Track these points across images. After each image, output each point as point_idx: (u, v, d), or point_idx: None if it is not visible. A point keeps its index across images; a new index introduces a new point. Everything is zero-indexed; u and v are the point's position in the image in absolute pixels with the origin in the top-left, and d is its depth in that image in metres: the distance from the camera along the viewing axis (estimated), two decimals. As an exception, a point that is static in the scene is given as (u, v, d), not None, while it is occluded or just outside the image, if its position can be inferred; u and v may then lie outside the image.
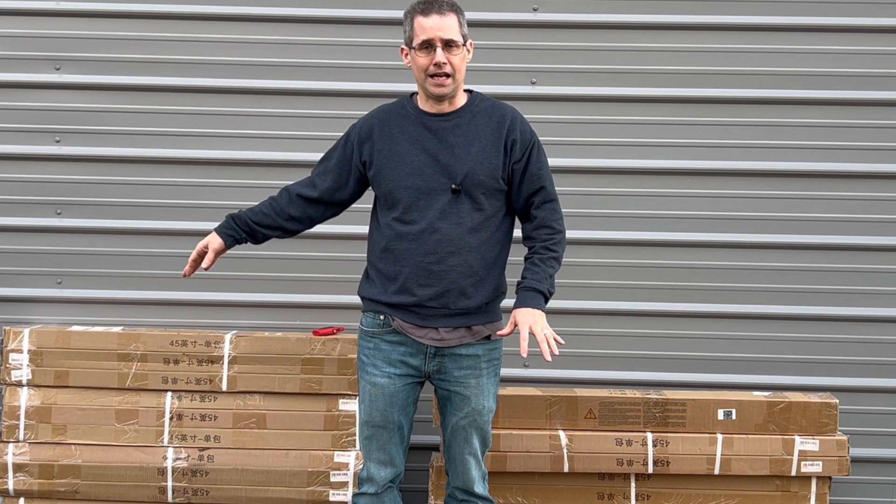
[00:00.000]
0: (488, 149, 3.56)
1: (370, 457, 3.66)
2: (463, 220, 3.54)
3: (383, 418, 3.61)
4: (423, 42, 3.47)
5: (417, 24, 3.48)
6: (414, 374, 3.62)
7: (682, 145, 4.65)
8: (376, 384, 3.61)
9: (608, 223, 4.68)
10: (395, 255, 3.57)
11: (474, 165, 3.54)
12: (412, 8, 3.52)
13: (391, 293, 3.58)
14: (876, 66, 4.62)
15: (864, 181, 4.65)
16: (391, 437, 3.63)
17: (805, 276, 4.68)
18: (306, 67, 4.66)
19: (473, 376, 3.62)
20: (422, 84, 3.54)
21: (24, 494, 4.34)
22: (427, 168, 3.53)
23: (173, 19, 4.65)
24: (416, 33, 3.48)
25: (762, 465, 4.32)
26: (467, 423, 3.64)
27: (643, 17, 4.64)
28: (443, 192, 3.53)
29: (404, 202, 3.55)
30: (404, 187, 3.54)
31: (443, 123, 3.57)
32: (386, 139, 3.57)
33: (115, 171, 4.69)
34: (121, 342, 4.36)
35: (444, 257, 3.54)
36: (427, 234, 3.53)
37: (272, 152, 4.68)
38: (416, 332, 3.58)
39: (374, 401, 3.61)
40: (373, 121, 3.64)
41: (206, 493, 4.32)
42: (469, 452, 3.68)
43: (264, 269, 4.70)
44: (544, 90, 4.65)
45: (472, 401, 3.62)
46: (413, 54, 3.51)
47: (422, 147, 3.55)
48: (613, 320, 4.70)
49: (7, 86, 4.67)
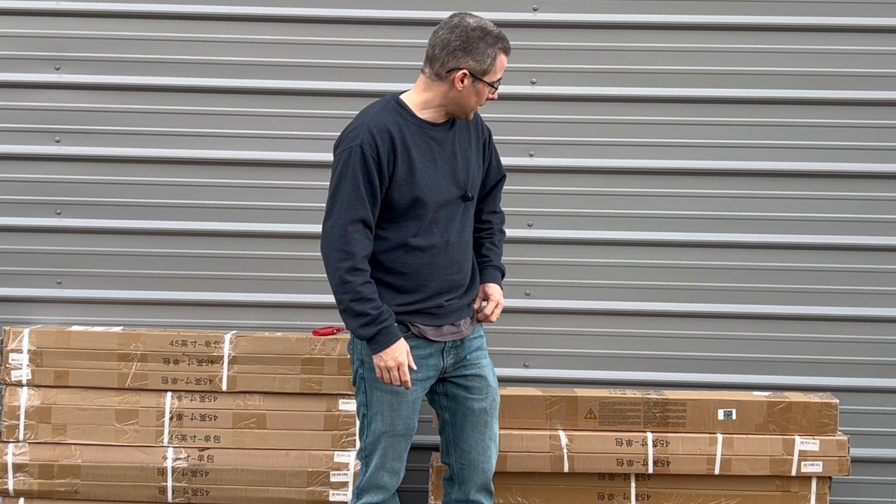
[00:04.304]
0: (476, 152, 3.65)
1: (384, 466, 3.60)
2: (469, 224, 3.64)
3: (406, 426, 3.59)
4: (497, 80, 3.50)
5: (500, 61, 3.48)
6: (432, 376, 3.62)
7: (683, 145, 4.65)
8: (399, 393, 3.55)
9: (608, 223, 4.67)
10: (415, 272, 3.53)
11: (474, 171, 3.62)
12: (495, 39, 3.46)
13: (411, 303, 3.54)
14: (876, 66, 4.62)
15: (864, 181, 4.65)
16: (408, 445, 3.63)
17: (805, 276, 4.67)
18: (306, 67, 4.65)
19: (483, 356, 3.70)
20: (467, 110, 3.52)
21: (23, 494, 4.34)
22: (441, 179, 3.53)
23: (173, 19, 4.65)
24: (497, 70, 3.48)
25: (762, 465, 4.32)
26: (488, 405, 3.67)
27: (643, 17, 4.63)
28: (456, 202, 3.56)
29: (425, 217, 3.52)
30: (427, 202, 3.50)
31: (444, 134, 3.56)
32: (405, 153, 3.50)
33: (115, 171, 4.69)
34: (121, 342, 4.37)
35: (463, 265, 3.61)
36: (449, 246, 3.56)
37: (272, 152, 4.68)
38: (433, 332, 3.58)
39: (397, 410, 3.57)
40: (389, 133, 3.47)
41: (206, 493, 4.32)
42: (490, 438, 3.69)
43: (264, 269, 4.69)
44: (544, 90, 4.65)
45: (490, 379, 3.69)
46: (481, 86, 3.47)
47: (432, 159, 3.53)
48: (613, 320, 4.70)
49: (7, 86, 4.67)
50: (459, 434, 3.69)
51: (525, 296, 4.67)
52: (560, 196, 4.65)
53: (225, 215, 4.69)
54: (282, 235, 4.68)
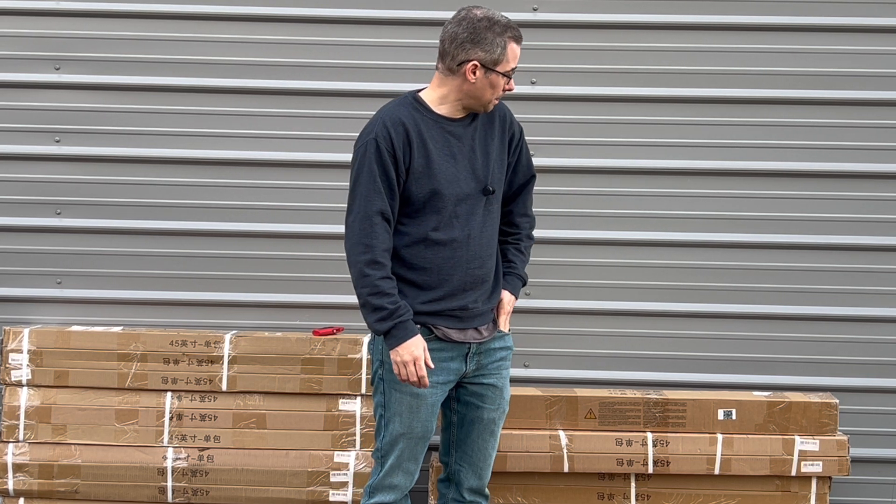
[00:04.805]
0: (500, 147, 3.63)
1: (400, 466, 3.59)
2: (494, 221, 3.63)
3: (424, 428, 3.58)
4: (511, 70, 3.49)
5: (511, 50, 3.47)
6: (453, 379, 3.61)
7: (683, 145, 4.65)
8: (419, 395, 3.54)
9: (608, 223, 4.67)
10: (437, 266, 3.52)
11: (495, 166, 3.60)
12: (503, 28, 3.46)
13: (433, 302, 3.54)
14: (876, 66, 4.62)
15: (864, 181, 4.65)
16: (425, 446, 3.62)
17: (805, 276, 4.67)
18: (307, 67, 4.65)
19: (504, 367, 3.69)
20: (484, 102, 3.51)
21: (23, 494, 4.34)
22: (460, 173, 3.53)
23: (173, 19, 4.65)
24: (509, 59, 3.47)
25: (762, 465, 4.32)
26: (498, 415, 3.68)
27: (643, 16, 4.63)
28: (476, 196, 3.55)
29: (445, 211, 3.51)
30: (446, 195, 3.50)
31: (462, 129, 3.56)
32: (421, 146, 3.49)
33: (115, 171, 4.69)
34: (121, 342, 4.37)
35: (486, 260, 3.60)
36: (470, 241, 3.55)
37: (272, 152, 4.67)
38: (457, 335, 3.57)
39: (416, 412, 3.55)
40: (403, 126, 3.48)
41: (206, 493, 4.32)
42: (493, 446, 3.70)
43: (264, 269, 4.69)
44: (544, 90, 4.65)
45: (504, 392, 3.69)
46: (494, 77, 3.47)
47: (451, 153, 3.53)
48: (613, 320, 4.70)
49: (7, 86, 4.66)
50: (464, 438, 3.69)
51: (525, 296, 4.65)
52: (560, 196, 4.64)
53: (225, 215, 4.69)
54: (282, 235, 4.68)
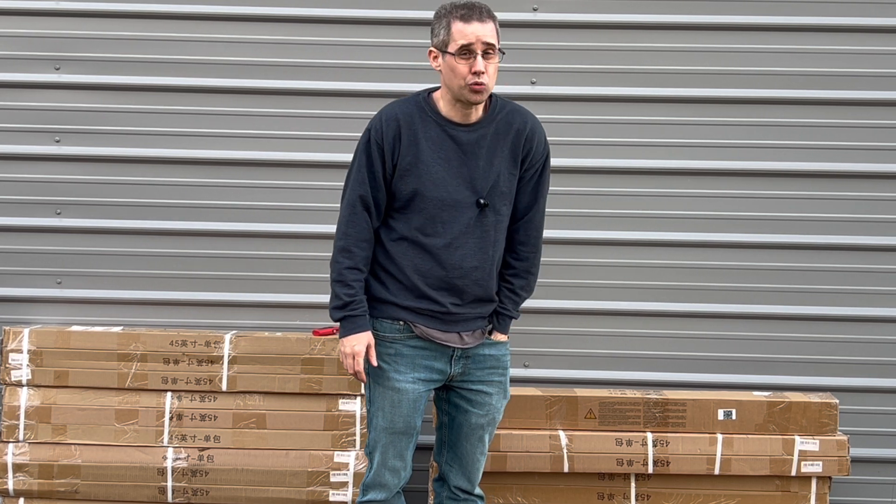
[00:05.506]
0: (509, 159, 3.55)
1: (385, 464, 3.60)
2: (488, 234, 3.54)
3: (406, 424, 3.58)
4: (462, 47, 3.39)
5: (456, 29, 3.39)
6: (438, 379, 3.60)
7: (682, 145, 4.65)
8: (400, 390, 3.55)
9: (608, 223, 4.67)
10: (414, 267, 3.52)
11: (498, 178, 3.53)
12: (448, 11, 3.43)
13: (411, 299, 3.53)
14: (876, 66, 4.62)
15: (864, 181, 4.65)
16: (410, 442, 3.62)
17: (805, 276, 4.67)
18: (307, 67, 4.65)
19: (497, 375, 3.65)
20: (457, 90, 3.43)
21: (23, 494, 4.34)
22: (452, 179, 3.49)
23: (173, 19, 4.65)
24: (455, 38, 3.39)
25: (762, 465, 4.32)
26: (486, 421, 3.65)
27: (643, 17, 4.63)
28: (468, 205, 3.50)
29: (427, 213, 3.49)
30: (428, 197, 3.48)
31: (467, 135, 3.50)
32: (411, 144, 3.48)
33: (115, 171, 4.69)
34: (121, 342, 4.37)
35: (469, 272, 3.54)
36: (451, 249, 3.51)
37: (272, 152, 4.68)
38: (440, 336, 3.56)
39: (397, 407, 3.56)
40: (396, 122, 3.49)
41: (206, 493, 4.32)
42: (481, 452, 3.69)
43: (264, 269, 4.69)
44: (544, 90, 4.65)
45: (494, 398, 3.65)
46: (450, 59, 3.41)
47: (445, 157, 3.49)
48: (613, 320, 4.70)
49: (7, 86, 4.67)
50: (454, 440, 3.70)
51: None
52: (560, 196, 4.64)
53: (225, 215, 4.69)
54: (282, 235, 4.68)
